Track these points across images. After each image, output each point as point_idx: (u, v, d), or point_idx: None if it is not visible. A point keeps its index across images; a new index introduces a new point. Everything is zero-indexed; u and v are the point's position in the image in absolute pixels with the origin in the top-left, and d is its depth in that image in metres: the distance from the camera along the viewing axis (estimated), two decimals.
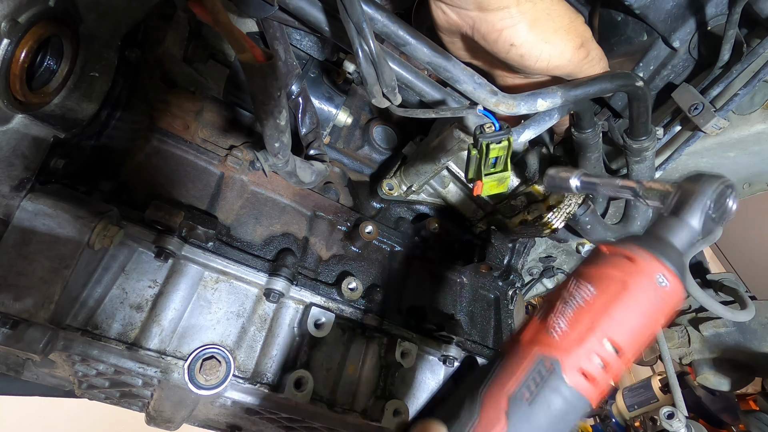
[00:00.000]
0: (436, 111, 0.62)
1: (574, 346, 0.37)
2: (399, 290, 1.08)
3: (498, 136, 0.58)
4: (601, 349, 0.37)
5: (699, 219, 0.42)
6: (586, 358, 0.37)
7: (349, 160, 1.14)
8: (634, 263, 0.39)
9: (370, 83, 0.57)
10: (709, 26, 0.70)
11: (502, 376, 0.39)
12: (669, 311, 0.39)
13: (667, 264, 0.39)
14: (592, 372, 0.37)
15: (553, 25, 0.59)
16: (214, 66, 0.99)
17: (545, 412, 0.36)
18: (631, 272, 0.38)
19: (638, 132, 0.66)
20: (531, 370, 0.37)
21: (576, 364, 0.37)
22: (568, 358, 0.37)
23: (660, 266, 0.39)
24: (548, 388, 0.36)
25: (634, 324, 0.38)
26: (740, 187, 0.82)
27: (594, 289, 0.39)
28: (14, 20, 0.60)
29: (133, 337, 0.81)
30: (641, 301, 0.38)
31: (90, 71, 0.80)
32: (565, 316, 0.39)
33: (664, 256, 0.39)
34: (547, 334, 0.39)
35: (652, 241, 0.41)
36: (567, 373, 0.37)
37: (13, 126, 0.70)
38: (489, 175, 0.60)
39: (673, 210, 0.43)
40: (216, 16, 0.58)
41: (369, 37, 0.53)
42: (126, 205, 0.84)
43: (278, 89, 0.64)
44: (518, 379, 0.38)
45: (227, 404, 0.91)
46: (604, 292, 0.38)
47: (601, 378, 0.37)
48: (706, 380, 1.29)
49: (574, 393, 0.37)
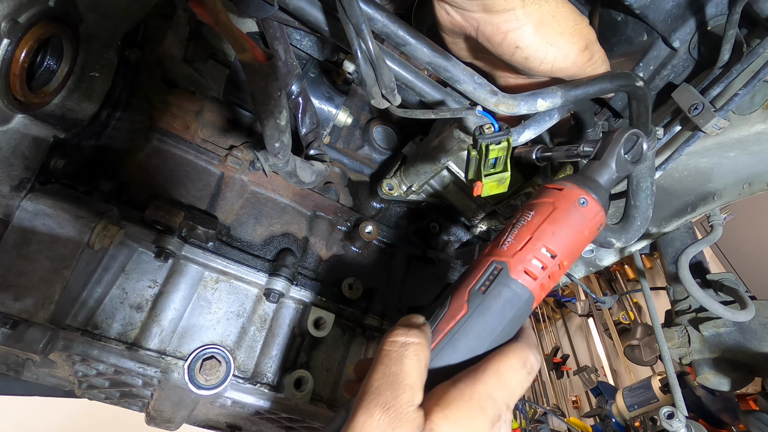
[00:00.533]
0: (435, 112, 0.62)
1: (517, 252, 0.49)
2: (399, 290, 1.08)
3: (497, 137, 0.59)
4: (538, 253, 0.48)
5: (614, 159, 0.54)
6: (527, 260, 0.48)
7: (349, 160, 1.14)
8: (561, 191, 0.52)
9: (369, 84, 0.57)
10: (709, 26, 0.69)
11: (465, 279, 0.51)
12: (591, 225, 0.51)
13: (586, 190, 0.51)
14: (532, 270, 0.48)
15: (558, 28, 0.59)
16: (214, 66, 0.99)
17: (496, 299, 0.48)
18: (558, 197, 0.51)
19: None
20: (486, 272, 0.49)
21: (519, 265, 0.48)
22: (512, 260, 0.49)
23: (581, 192, 0.51)
24: (498, 283, 0.48)
25: (563, 234, 0.49)
26: (740, 187, 0.82)
27: (533, 213, 0.51)
28: (14, 20, 0.60)
29: (133, 337, 0.81)
30: (567, 217, 0.50)
31: (90, 71, 0.80)
32: (512, 234, 0.50)
33: (584, 185, 0.52)
34: (498, 247, 0.50)
35: (577, 177, 0.54)
36: (512, 271, 0.48)
37: (13, 126, 0.70)
38: (489, 176, 0.60)
39: (596, 155, 0.56)
40: (216, 16, 0.58)
41: (368, 38, 0.53)
42: (126, 205, 0.84)
43: (278, 89, 0.64)
44: (476, 278, 0.49)
45: (227, 404, 0.91)
46: (540, 213, 0.51)
47: (540, 275, 0.48)
48: (706, 380, 1.29)
49: (518, 285, 0.48)
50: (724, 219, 1.17)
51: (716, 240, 1.11)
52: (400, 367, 0.44)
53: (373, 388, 0.43)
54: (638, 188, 0.71)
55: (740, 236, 3.99)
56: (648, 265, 4.29)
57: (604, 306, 1.10)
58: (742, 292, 1.15)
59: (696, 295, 1.03)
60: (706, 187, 0.86)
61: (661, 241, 1.45)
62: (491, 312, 0.48)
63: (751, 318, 1.06)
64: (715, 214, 1.11)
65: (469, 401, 0.43)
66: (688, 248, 1.10)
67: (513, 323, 0.49)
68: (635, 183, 0.71)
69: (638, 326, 4.09)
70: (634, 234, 0.72)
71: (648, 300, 1.29)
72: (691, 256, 1.09)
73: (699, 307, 1.30)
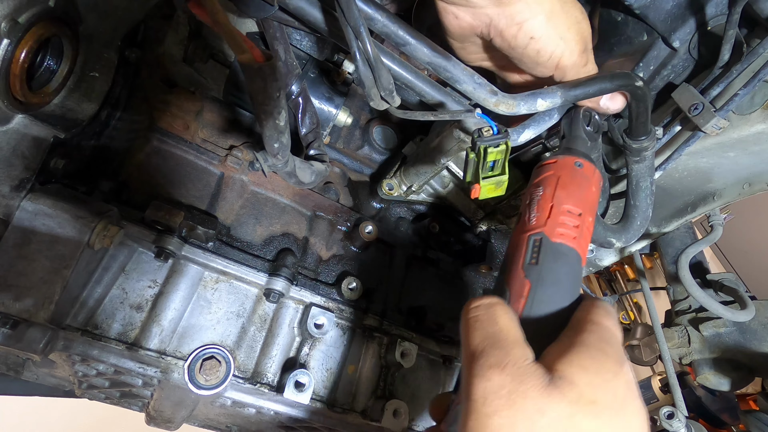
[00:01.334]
0: (434, 114, 0.62)
1: (547, 219, 0.52)
2: (399, 290, 1.08)
3: (495, 140, 0.58)
4: (565, 215, 0.52)
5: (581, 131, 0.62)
6: (560, 222, 0.52)
7: (349, 160, 1.14)
8: (556, 163, 0.57)
9: (367, 86, 0.57)
10: (709, 26, 0.69)
11: (511, 262, 0.52)
12: (595, 181, 0.57)
13: (577, 155, 0.57)
14: (568, 231, 0.51)
15: (567, 20, 0.59)
16: (214, 66, 0.99)
17: (552, 264, 0.50)
18: (556, 167, 0.57)
19: (638, 132, 0.66)
20: (528, 247, 0.51)
21: (555, 229, 0.51)
22: (546, 228, 0.52)
23: (574, 158, 0.57)
24: (545, 251, 0.50)
25: (578, 194, 0.54)
26: (740, 187, 0.82)
27: (542, 187, 0.55)
28: (14, 20, 0.60)
29: (133, 337, 0.81)
30: (573, 179, 0.55)
31: (90, 71, 0.80)
32: (533, 210, 0.54)
33: (573, 153, 0.58)
34: (527, 224, 0.53)
35: (563, 150, 0.61)
36: (552, 236, 0.51)
37: (13, 126, 0.70)
38: (487, 179, 0.60)
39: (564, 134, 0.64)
40: (215, 17, 0.58)
41: (366, 40, 0.53)
42: (126, 205, 0.84)
43: (278, 90, 0.64)
44: (522, 256, 0.51)
45: (227, 404, 0.91)
46: (548, 185, 0.55)
47: (576, 233, 0.52)
48: (706, 380, 1.29)
49: (563, 246, 0.51)
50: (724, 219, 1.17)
51: (716, 240, 1.11)
52: (498, 326, 0.43)
53: (478, 353, 0.40)
54: (638, 188, 0.71)
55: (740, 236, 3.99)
56: (648, 265, 4.28)
57: None
58: (742, 292, 1.15)
59: (696, 295, 1.03)
60: (706, 187, 0.86)
61: (661, 241, 1.46)
62: (553, 276, 0.49)
63: (751, 318, 1.06)
64: (715, 214, 1.11)
65: (587, 347, 0.41)
66: (688, 248, 1.10)
67: (575, 282, 0.51)
68: (635, 183, 0.71)
69: (638, 326, 4.08)
70: (634, 234, 0.72)
71: (648, 300, 1.29)
72: (691, 256, 1.09)
73: (699, 307, 1.30)
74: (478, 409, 0.37)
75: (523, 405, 0.36)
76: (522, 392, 0.37)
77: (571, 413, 0.37)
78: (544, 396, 0.37)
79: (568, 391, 0.37)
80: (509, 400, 0.37)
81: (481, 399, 0.37)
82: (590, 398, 0.37)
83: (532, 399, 0.37)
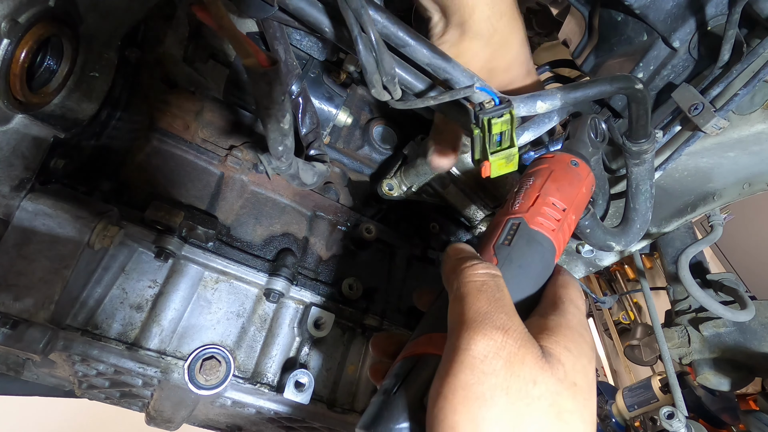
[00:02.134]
0: (434, 98, 0.60)
1: (530, 207, 0.53)
2: (399, 290, 1.08)
3: (499, 110, 0.56)
4: (549, 207, 0.52)
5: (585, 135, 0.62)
6: (541, 212, 0.52)
7: (349, 160, 1.14)
8: (553, 157, 0.58)
9: (369, 72, 0.56)
10: (709, 26, 0.69)
11: (485, 239, 0.54)
12: (587, 184, 0.57)
13: (574, 155, 0.58)
14: (548, 222, 0.52)
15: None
16: (214, 66, 0.99)
17: (523, 248, 0.50)
18: (552, 162, 0.57)
19: (638, 134, 0.66)
20: (505, 228, 0.52)
21: (535, 217, 0.52)
22: (527, 215, 0.52)
23: (570, 156, 0.58)
24: (520, 235, 0.51)
25: (567, 190, 0.54)
26: (740, 187, 0.82)
27: (533, 177, 0.56)
28: (14, 20, 0.60)
29: (133, 337, 0.81)
30: (565, 175, 0.55)
31: (90, 71, 0.80)
32: (519, 196, 0.55)
33: (572, 152, 0.59)
34: (511, 206, 0.54)
35: (563, 148, 0.62)
36: (531, 223, 0.51)
37: (13, 126, 0.70)
38: (495, 153, 0.58)
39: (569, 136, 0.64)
40: (220, 21, 0.58)
41: (367, 23, 0.52)
42: (126, 205, 0.84)
43: (282, 94, 0.64)
44: (497, 235, 0.52)
45: (227, 404, 0.91)
46: (540, 176, 0.56)
47: (556, 225, 0.52)
48: (706, 380, 1.29)
49: (539, 234, 0.51)
50: (724, 219, 1.17)
51: (716, 240, 1.11)
52: (503, 294, 0.44)
53: (483, 313, 0.41)
54: (637, 191, 0.71)
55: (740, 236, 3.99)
56: (648, 265, 4.28)
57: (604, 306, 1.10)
58: (742, 292, 1.15)
59: (696, 295, 1.03)
60: (706, 187, 0.86)
61: (661, 241, 1.45)
62: (522, 259, 0.50)
63: (751, 318, 1.06)
64: (715, 214, 1.11)
65: (571, 330, 0.43)
66: (688, 248, 1.10)
67: (544, 270, 0.51)
68: (634, 185, 0.71)
69: (638, 326, 4.09)
70: (633, 237, 0.72)
71: (648, 300, 1.29)
72: (691, 256, 1.09)
73: (699, 307, 1.29)
74: (476, 365, 0.38)
75: (520, 370, 0.38)
76: (520, 357, 0.38)
77: (558, 390, 0.38)
78: (538, 367, 0.38)
79: (556, 369, 0.39)
80: (508, 362, 0.38)
81: (481, 356, 0.38)
82: (572, 380, 0.39)
83: (528, 367, 0.38)
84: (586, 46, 0.86)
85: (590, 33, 0.85)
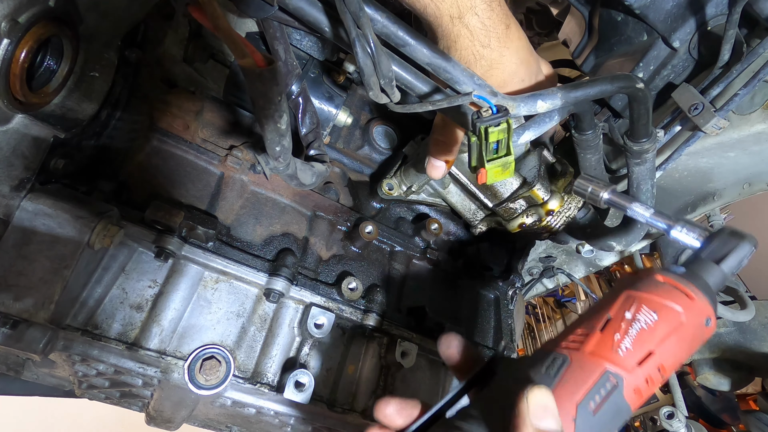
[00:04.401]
0: (432, 102, 0.61)
1: (636, 366, 0.42)
2: (399, 290, 1.08)
3: (496, 119, 0.56)
4: (654, 372, 0.42)
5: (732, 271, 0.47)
6: (642, 378, 0.42)
7: (349, 160, 1.14)
8: (692, 302, 0.44)
9: (367, 74, 0.56)
10: (709, 26, 0.69)
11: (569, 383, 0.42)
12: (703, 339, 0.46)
13: (714, 309, 0.45)
14: (643, 390, 0.42)
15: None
16: (214, 66, 0.99)
17: (604, 423, 0.41)
18: (689, 309, 0.44)
19: (639, 134, 0.66)
20: (598, 382, 0.41)
21: (634, 383, 0.41)
22: (630, 376, 0.41)
23: (710, 310, 0.45)
24: (610, 402, 0.41)
25: (680, 353, 0.44)
26: (740, 187, 0.82)
27: (656, 317, 0.43)
28: (14, 20, 0.60)
29: (133, 337, 0.81)
30: (691, 335, 0.44)
31: (90, 71, 0.80)
32: (630, 336, 0.43)
33: (712, 300, 0.45)
34: (613, 350, 0.42)
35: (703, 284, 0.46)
36: (626, 389, 0.41)
37: (13, 126, 0.70)
38: (492, 161, 0.58)
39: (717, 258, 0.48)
40: (216, 21, 0.58)
41: (365, 25, 0.52)
42: (126, 205, 0.84)
43: (279, 94, 0.64)
44: (586, 389, 0.41)
45: (227, 404, 0.91)
46: (665, 321, 0.43)
47: (646, 395, 0.43)
48: (706, 380, 1.29)
49: (627, 407, 0.41)
50: (724, 219, 1.17)
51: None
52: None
53: None
54: (638, 191, 0.71)
55: None
56: (648, 265, 4.29)
57: None
58: (742, 292, 1.15)
59: None
60: (706, 187, 0.87)
61: (661, 241, 1.45)
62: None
63: (751, 318, 1.06)
64: (715, 214, 1.11)
65: None
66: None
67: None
68: (635, 185, 0.71)
69: None
70: (634, 237, 0.72)
71: None
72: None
73: None
74: None
75: None
76: None
77: None
78: None
79: None
80: None
81: None
82: None
83: None
84: (586, 46, 0.86)
85: (590, 33, 0.85)
